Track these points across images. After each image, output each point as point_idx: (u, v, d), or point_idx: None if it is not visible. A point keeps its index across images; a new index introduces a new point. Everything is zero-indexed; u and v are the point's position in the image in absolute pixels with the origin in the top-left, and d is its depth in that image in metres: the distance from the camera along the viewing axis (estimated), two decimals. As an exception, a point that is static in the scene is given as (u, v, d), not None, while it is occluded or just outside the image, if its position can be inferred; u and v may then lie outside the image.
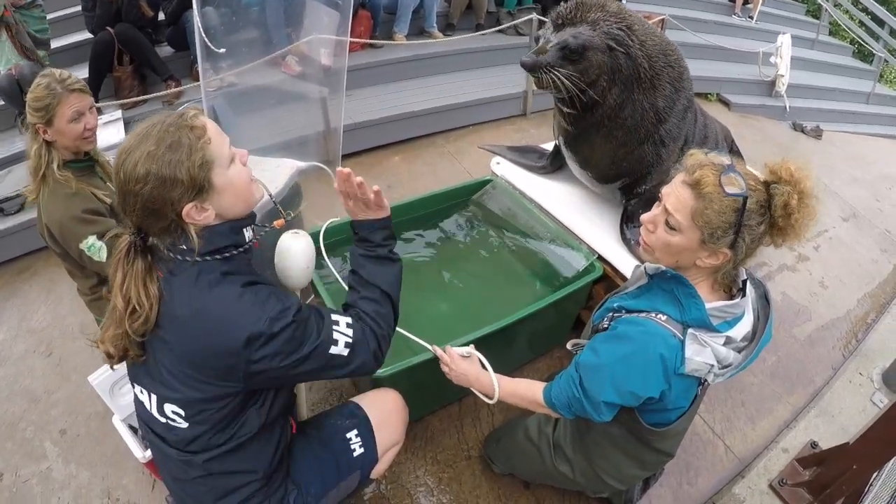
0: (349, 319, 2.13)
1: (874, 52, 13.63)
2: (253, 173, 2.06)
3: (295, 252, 2.45)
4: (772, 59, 10.31)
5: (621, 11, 3.20)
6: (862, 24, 14.48)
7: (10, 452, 3.76)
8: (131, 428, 3.12)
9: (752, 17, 13.04)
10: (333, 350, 2.04)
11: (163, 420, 2.07)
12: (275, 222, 2.48)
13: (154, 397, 2.06)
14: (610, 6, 3.20)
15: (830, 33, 15.38)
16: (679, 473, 3.49)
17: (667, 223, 2.03)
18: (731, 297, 2.11)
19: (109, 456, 3.66)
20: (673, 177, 2.04)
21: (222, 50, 3.03)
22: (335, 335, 2.06)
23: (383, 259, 2.31)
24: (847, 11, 14.66)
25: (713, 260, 1.99)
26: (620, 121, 3.37)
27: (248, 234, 2.09)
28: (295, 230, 2.49)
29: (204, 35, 2.83)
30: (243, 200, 2.02)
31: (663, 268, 2.11)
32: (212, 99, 3.01)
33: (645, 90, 3.29)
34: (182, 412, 2.01)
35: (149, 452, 2.92)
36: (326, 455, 2.47)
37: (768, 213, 1.91)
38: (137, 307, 1.87)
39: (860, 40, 14.22)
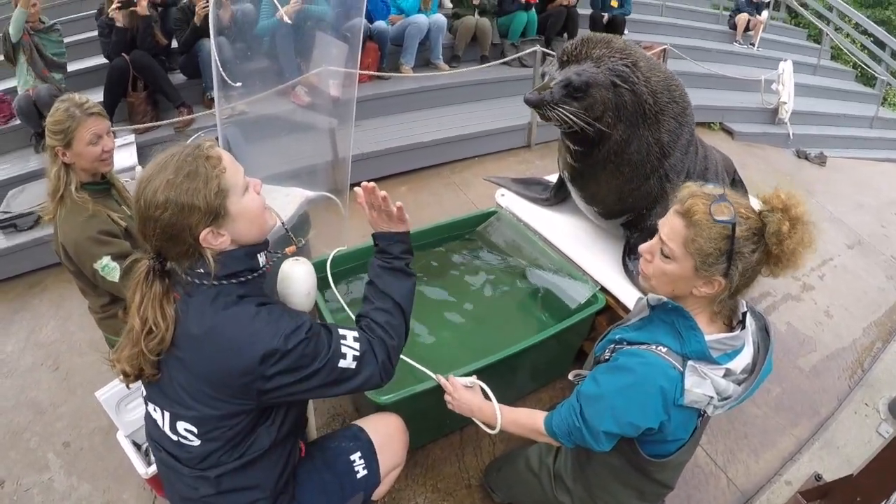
0: (356, 333, 2.17)
1: (876, 75, 13.68)
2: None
3: (297, 278, 2.47)
4: (774, 87, 10.37)
5: (626, 48, 3.23)
6: (863, 47, 14.53)
7: (13, 461, 3.81)
8: (135, 444, 3.17)
9: (753, 45, 13.17)
10: (342, 363, 2.08)
11: (175, 438, 2.11)
12: (286, 249, 2.52)
13: (167, 415, 2.09)
14: (615, 43, 3.23)
15: (832, 58, 15.46)
16: (682, 506, 3.49)
17: (662, 252, 2.07)
18: (732, 329, 2.14)
19: (111, 470, 3.69)
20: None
21: (238, 84, 3.08)
22: (343, 349, 2.10)
23: (399, 272, 2.40)
24: (848, 35, 14.72)
25: (708, 289, 2.01)
26: (627, 156, 3.39)
27: (262, 259, 2.15)
28: (296, 257, 2.53)
29: (221, 69, 2.88)
30: (257, 227, 2.09)
31: (665, 299, 2.13)
32: (225, 128, 3.06)
33: (650, 125, 3.31)
34: (195, 430, 2.05)
35: (152, 469, 2.97)
36: (331, 477, 2.49)
37: (762, 242, 1.93)
38: (154, 328, 1.93)
39: (862, 64, 14.26)
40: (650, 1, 13.34)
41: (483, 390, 2.70)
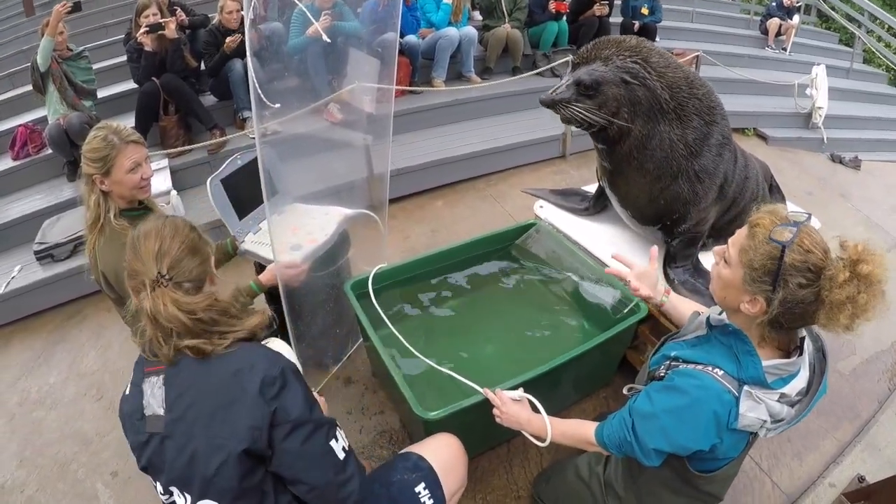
0: (348, 443, 2.21)
1: (910, 77, 13.54)
2: (302, 220, 2.15)
3: None
4: (807, 91, 10.29)
5: (638, 46, 3.31)
6: (896, 50, 14.42)
7: (63, 493, 3.84)
8: None
9: (785, 49, 13.07)
10: (333, 444, 2.10)
11: None
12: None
13: (187, 496, 2.08)
14: (626, 42, 3.32)
15: (864, 61, 15.28)
16: (727, 511, 3.50)
17: (724, 256, 2.13)
18: (789, 354, 2.14)
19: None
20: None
21: (277, 105, 3.13)
22: (337, 433, 2.15)
23: None
24: (881, 38, 14.60)
25: (751, 307, 2.03)
26: (649, 152, 3.44)
27: None
28: (266, 340, 2.52)
29: (260, 90, 2.93)
30: None
31: (726, 321, 2.17)
32: (262, 149, 3.13)
33: (670, 122, 3.36)
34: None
35: None
36: None
37: (817, 283, 1.90)
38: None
39: (895, 67, 14.13)
40: (681, 7, 13.30)
41: (533, 403, 2.73)
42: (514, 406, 2.70)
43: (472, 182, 7.40)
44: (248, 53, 3.12)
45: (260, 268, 3.70)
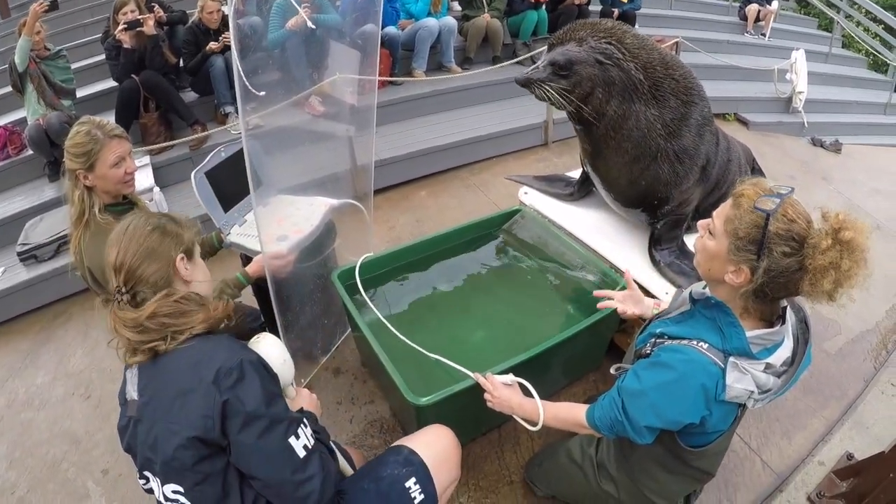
0: (311, 431, 2.16)
1: (888, 62, 13.62)
2: (287, 211, 2.13)
3: (266, 354, 2.32)
4: (788, 76, 10.35)
5: (613, 28, 3.33)
6: (875, 34, 14.47)
7: (53, 493, 3.83)
8: None
9: (764, 35, 13.12)
10: (293, 441, 2.04)
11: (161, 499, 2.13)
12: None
13: (157, 480, 2.11)
14: (601, 25, 3.35)
15: (843, 45, 15.39)
16: (718, 490, 3.51)
17: (709, 228, 2.16)
18: (772, 324, 2.16)
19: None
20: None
21: (262, 93, 3.11)
22: (299, 430, 2.08)
23: None
24: (859, 23, 14.68)
25: (735, 277, 2.05)
26: (626, 132, 3.45)
27: None
28: (257, 336, 2.46)
29: (245, 80, 2.91)
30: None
31: (708, 294, 2.19)
32: (248, 140, 3.10)
33: (646, 101, 3.37)
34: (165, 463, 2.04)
35: None
36: None
37: (801, 252, 1.93)
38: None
39: (874, 51, 14.20)
40: (659, -6, 13.34)
41: (525, 387, 2.74)
42: (505, 390, 2.71)
43: (456, 171, 7.42)
44: (232, 44, 3.10)
45: (246, 260, 3.68)
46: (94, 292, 3.19)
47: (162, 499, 2.13)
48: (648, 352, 2.32)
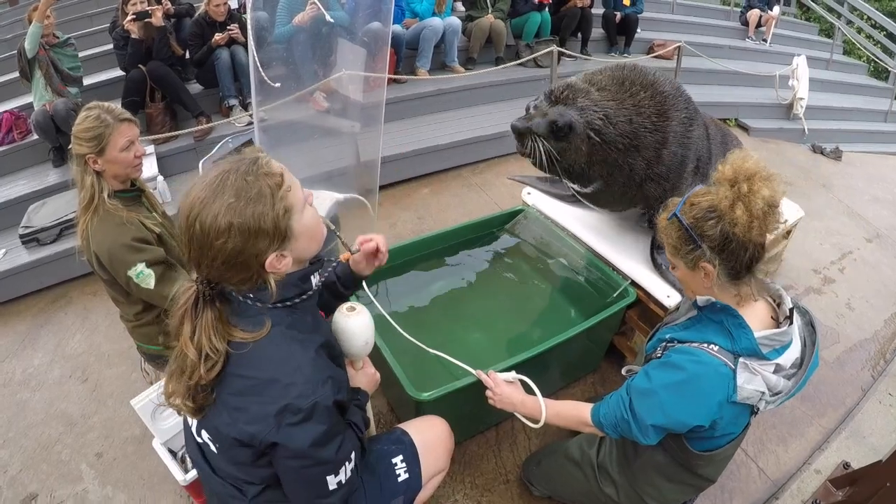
0: (354, 465, 2.09)
1: (889, 69, 13.64)
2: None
3: (353, 331, 2.35)
4: (789, 82, 10.35)
5: (600, 98, 3.27)
6: (876, 41, 14.47)
7: (46, 474, 3.84)
8: (171, 451, 3.20)
9: (765, 41, 13.15)
10: (330, 479, 1.99)
11: (199, 440, 2.12)
12: (341, 257, 2.50)
13: (195, 421, 2.09)
14: (593, 95, 3.28)
15: (844, 52, 15.40)
16: (714, 496, 3.52)
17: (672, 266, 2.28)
18: (779, 326, 2.20)
19: (146, 479, 3.73)
20: None
21: (277, 84, 3.11)
22: (342, 468, 2.02)
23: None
24: (861, 30, 14.70)
25: (707, 277, 2.15)
26: (611, 180, 3.44)
27: (314, 280, 2.09)
28: (351, 305, 2.42)
29: (262, 70, 2.92)
30: (316, 242, 2.02)
31: (713, 299, 2.21)
32: (260, 132, 3.09)
33: (628, 153, 3.34)
34: (216, 443, 2.03)
35: (189, 475, 3.00)
36: (371, 479, 2.43)
37: (722, 214, 2.04)
38: (211, 354, 1.84)
39: (875, 58, 14.22)
40: (661, -1, 13.36)
41: (528, 385, 2.74)
42: (507, 388, 2.72)
43: (458, 171, 7.42)
44: (249, 37, 3.10)
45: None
46: (99, 276, 3.24)
47: (195, 432, 2.14)
48: (659, 355, 2.34)
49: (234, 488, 2.09)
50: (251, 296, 1.91)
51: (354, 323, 2.35)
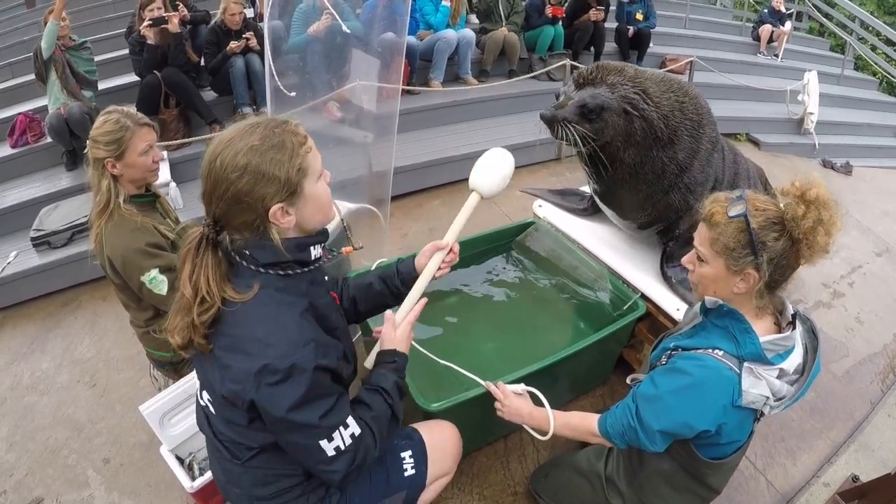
0: (356, 430, 2.08)
1: (900, 84, 13.63)
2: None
3: (505, 168, 2.78)
4: (800, 97, 10.36)
5: (637, 76, 3.28)
6: (888, 57, 14.47)
7: (52, 478, 3.84)
8: (178, 458, 3.20)
9: (777, 56, 13.17)
10: (324, 444, 1.99)
11: (202, 403, 2.20)
12: (343, 249, 2.53)
13: (198, 382, 2.18)
14: (628, 71, 3.30)
15: (856, 67, 15.41)
16: (722, 508, 3.53)
17: (698, 258, 2.24)
18: (782, 331, 2.22)
19: (153, 485, 3.72)
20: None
21: (293, 93, 3.14)
22: (335, 433, 2.01)
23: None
24: (875, 47, 14.69)
25: (745, 284, 2.13)
26: (642, 176, 3.44)
27: (314, 252, 2.13)
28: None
29: (278, 80, 2.95)
30: (323, 214, 2.11)
31: (720, 301, 2.22)
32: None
33: (663, 146, 3.34)
34: (215, 405, 2.11)
35: (196, 483, 3.00)
36: (378, 468, 2.47)
37: (786, 230, 2.04)
38: (207, 297, 1.92)
39: (886, 74, 14.19)
40: (674, 14, 13.40)
41: (537, 396, 2.75)
42: (516, 399, 2.73)
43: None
44: (266, 46, 3.13)
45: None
46: (111, 281, 3.26)
47: (198, 393, 2.24)
48: (664, 363, 2.36)
49: (228, 451, 2.15)
50: (247, 253, 1.99)
51: (509, 161, 2.77)
